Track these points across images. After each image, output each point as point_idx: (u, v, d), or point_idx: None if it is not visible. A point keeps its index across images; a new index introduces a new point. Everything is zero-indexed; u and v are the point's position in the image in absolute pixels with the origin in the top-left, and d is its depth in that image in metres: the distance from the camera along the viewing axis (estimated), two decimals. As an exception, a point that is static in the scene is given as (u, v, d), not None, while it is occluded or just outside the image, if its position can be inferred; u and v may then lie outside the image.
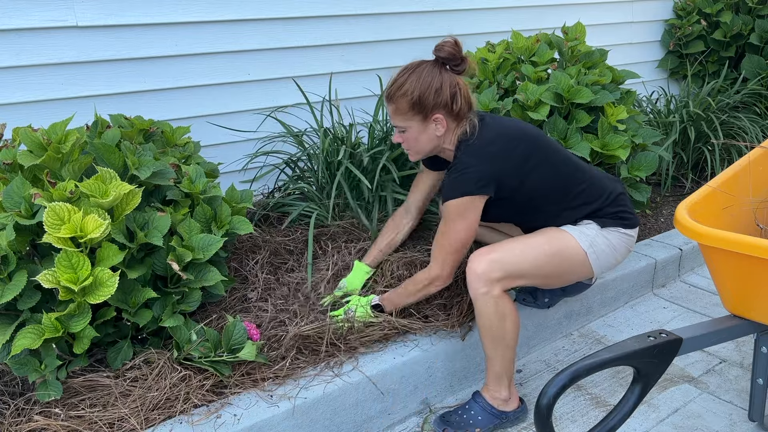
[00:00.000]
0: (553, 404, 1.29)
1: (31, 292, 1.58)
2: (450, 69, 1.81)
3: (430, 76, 1.79)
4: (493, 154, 1.78)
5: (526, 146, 1.81)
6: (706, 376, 2.08)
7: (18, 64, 2.13)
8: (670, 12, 4.18)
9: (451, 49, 1.78)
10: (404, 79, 1.81)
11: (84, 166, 1.72)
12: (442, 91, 1.78)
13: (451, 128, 1.84)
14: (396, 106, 1.82)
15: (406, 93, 1.79)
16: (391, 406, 1.86)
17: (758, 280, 1.49)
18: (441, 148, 1.88)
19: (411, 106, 1.79)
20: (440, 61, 1.81)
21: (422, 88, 1.78)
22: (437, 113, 1.80)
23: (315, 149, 2.48)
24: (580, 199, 1.85)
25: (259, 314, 1.97)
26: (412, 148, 1.89)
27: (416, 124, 1.82)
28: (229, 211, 1.89)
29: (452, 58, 1.79)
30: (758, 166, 1.86)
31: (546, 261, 1.80)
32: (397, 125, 1.86)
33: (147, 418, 1.56)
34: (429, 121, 1.81)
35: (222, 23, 2.48)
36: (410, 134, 1.85)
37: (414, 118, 1.81)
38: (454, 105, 1.80)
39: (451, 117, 1.82)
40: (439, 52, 1.80)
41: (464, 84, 1.83)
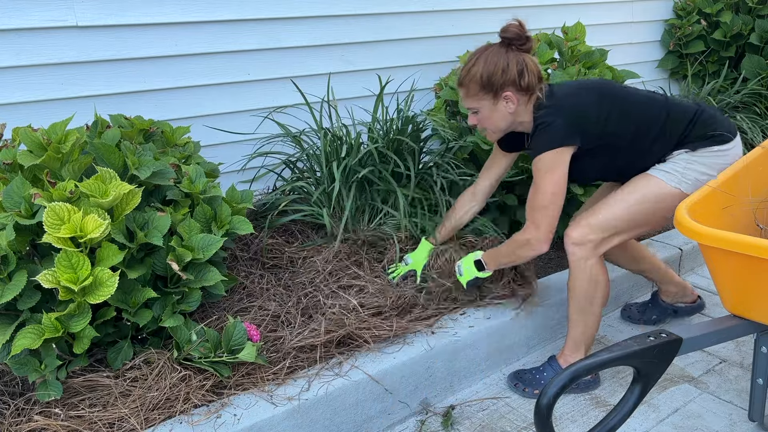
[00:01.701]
0: (553, 404, 1.29)
1: (31, 292, 1.58)
2: (516, 48, 1.89)
3: (497, 57, 1.88)
4: (570, 106, 1.90)
5: (598, 95, 1.92)
6: (706, 376, 2.08)
7: (18, 64, 2.12)
8: (670, 12, 4.18)
9: (516, 30, 1.88)
10: (472, 63, 1.91)
11: (84, 166, 1.72)
12: (509, 70, 1.87)
13: (522, 102, 1.92)
14: (467, 90, 1.93)
15: (474, 76, 1.89)
16: (391, 406, 1.86)
17: (758, 280, 1.49)
18: (517, 122, 1.96)
19: (480, 87, 1.89)
20: (506, 42, 1.90)
21: (490, 69, 1.87)
22: (506, 91, 1.88)
23: (315, 149, 2.48)
24: (664, 130, 1.93)
25: (259, 314, 1.97)
26: (488, 127, 1.98)
27: (487, 104, 1.92)
28: (229, 211, 1.89)
29: (517, 37, 1.89)
30: (758, 166, 1.86)
31: (637, 209, 1.90)
32: (469, 107, 1.97)
33: (147, 418, 1.56)
34: (499, 99, 1.90)
35: (221, 23, 2.48)
36: (483, 114, 1.95)
37: (485, 98, 1.91)
38: (522, 81, 1.88)
39: (521, 92, 1.90)
40: (505, 33, 1.90)
41: (531, 60, 1.91)
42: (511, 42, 1.89)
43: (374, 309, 2.01)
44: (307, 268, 2.20)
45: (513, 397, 2.01)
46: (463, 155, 2.58)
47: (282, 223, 2.40)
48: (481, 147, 2.49)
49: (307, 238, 2.38)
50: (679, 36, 4.04)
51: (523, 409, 1.95)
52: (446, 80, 2.86)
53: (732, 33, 3.83)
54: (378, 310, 2.01)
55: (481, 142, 2.48)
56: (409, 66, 3.00)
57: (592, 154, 1.92)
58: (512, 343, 2.16)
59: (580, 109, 1.89)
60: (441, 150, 2.55)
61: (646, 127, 1.91)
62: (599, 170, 2.03)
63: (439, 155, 2.52)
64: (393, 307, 2.04)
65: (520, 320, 2.15)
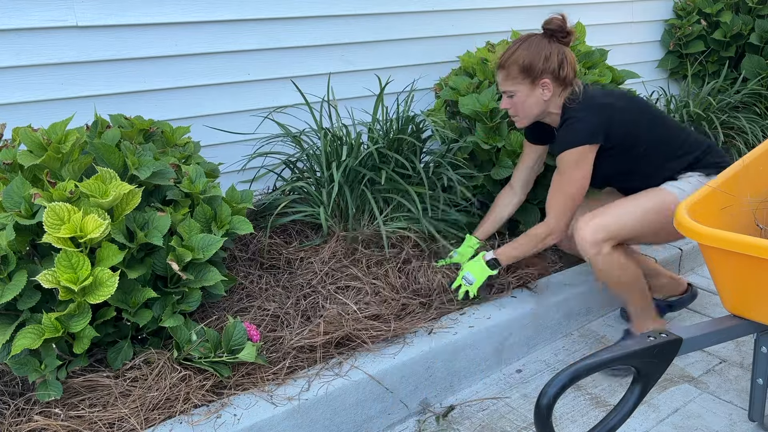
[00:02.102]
0: (553, 404, 1.29)
1: (31, 292, 1.58)
2: (558, 40, 1.97)
3: (540, 45, 1.96)
4: (601, 104, 1.97)
5: (629, 101, 2.01)
6: (706, 376, 2.08)
7: (18, 64, 2.12)
8: (670, 12, 4.18)
9: (559, 22, 1.96)
10: (516, 47, 1.99)
11: (84, 166, 1.72)
12: (551, 58, 1.95)
13: (556, 93, 1.99)
14: (507, 72, 1.99)
15: (517, 59, 1.96)
16: (391, 406, 1.86)
17: (758, 280, 1.49)
18: (547, 112, 2.04)
19: (521, 70, 1.96)
20: (549, 33, 1.98)
21: (532, 55, 1.95)
22: (545, 78, 1.96)
23: (315, 149, 2.48)
24: (682, 150, 2.01)
25: (259, 314, 1.97)
26: (519, 112, 2.04)
27: (525, 88, 1.99)
28: (229, 211, 1.89)
29: (560, 29, 1.97)
30: (758, 166, 1.86)
31: (647, 218, 1.96)
32: (506, 90, 2.02)
33: (147, 418, 1.56)
34: (537, 86, 1.98)
35: (221, 23, 2.48)
36: (518, 98, 2.01)
37: (523, 82, 1.98)
38: (561, 71, 1.96)
39: (558, 82, 1.98)
40: (548, 25, 1.97)
41: (570, 54, 1.99)
42: (554, 33, 1.97)
43: (374, 309, 2.01)
44: (305, 269, 2.20)
45: (513, 397, 2.01)
46: (464, 155, 2.58)
47: (281, 223, 2.40)
48: (481, 147, 2.49)
49: (306, 238, 2.38)
50: (679, 36, 4.04)
51: (523, 409, 1.95)
52: (446, 80, 2.86)
53: (732, 33, 3.83)
54: (377, 311, 2.01)
55: (481, 142, 2.49)
56: (409, 66, 3.00)
57: (610, 156, 1.98)
58: (512, 343, 2.16)
59: (609, 110, 1.96)
60: (442, 150, 2.55)
61: (667, 141, 1.98)
62: (610, 174, 2.07)
63: (441, 155, 2.52)
64: (392, 308, 2.04)
65: (520, 320, 2.16)
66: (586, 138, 1.93)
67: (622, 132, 1.96)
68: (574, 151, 1.93)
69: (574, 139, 1.94)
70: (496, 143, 2.48)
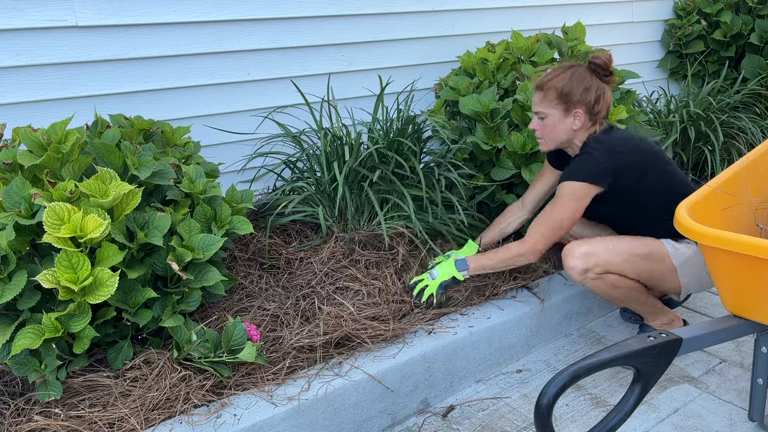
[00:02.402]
0: (553, 404, 1.29)
1: (31, 292, 1.58)
2: (599, 76, 2.00)
3: (583, 76, 1.99)
4: (618, 149, 1.97)
5: (648, 154, 2.00)
6: (706, 376, 2.08)
7: (18, 64, 2.12)
8: (670, 12, 4.18)
9: (605, 60, 1.99)
10: (558, 72, 2.02)
11: (84, 166, 1.72)
12: (590, 92, 1.98)
13: (585, 126, 2.02)
14: (544, 94, 2.01)
15: (557, 83, 1.99)
16: (391, 406, 1.86)
17: (758, 280, 1.49)
18: (571, 142, 2.06)
19: (558, 95, 1.99)
20: (592, 67, 2.01)
21: (573, 84, 1.98)
22: (579, 109, 1.99)
23: (315, 149, 2.48)
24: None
25: (259, 314, 1.97)
26: (546, 135, 2.06)
27: (557, 113, 2.01)
28: (230, 211, 1.89)
29: (604, 67, 2.00)
30: (758, 166, 1.86)
31: (635, 262, 1.97)
32: (538, 111, 2.04)
33: (147, 418, 1.56)
34: (570, 114, 2.00)
35: (222, 23, 2.48)
36: (549, 121, 2.03)
37: (557, 107, 2.00)
38: (596, 106, 1.99)
39: (590, 116, 2.01)
40: (595, 59, 2.00)
41: (609, 93, 2.03)
42: (597, 69, 1.99)
43: (373, 309, 2.01)
44: (305, 269, 2.20)
45: (513, 397, 2.01)
46: (464, 155, 2.58)
47: (281, 223, 2.40)
48: (481, 147, 2.49)
49: (305, 238, 2.38)
50: (679, 36, 4.04)
51: (523, 409, 1.95)
52: (446, 80, 2.86)
53: (732, 33, 3.83)
54: (377, 311, 2.01)
55: (481, 143, 2.49)
56: (409, 66, 3.00)
57: (608, 201, 1.99)
58: (512, 343, 2.16)
59: (626, 155, 1.96)
60: (443, 151, 2.55)
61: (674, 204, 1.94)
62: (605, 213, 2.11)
63: (441, 156, 2.52)
64: (392, 308, 2.04)
65: (520, 320, 2.16)
66: (592, 177, 1.94)
67: (631, 183, 1.96)
68: (576, 184, 1.95)
69: (580, 173, 1.95)
70: (497, 144, 2.48)
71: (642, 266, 1.99)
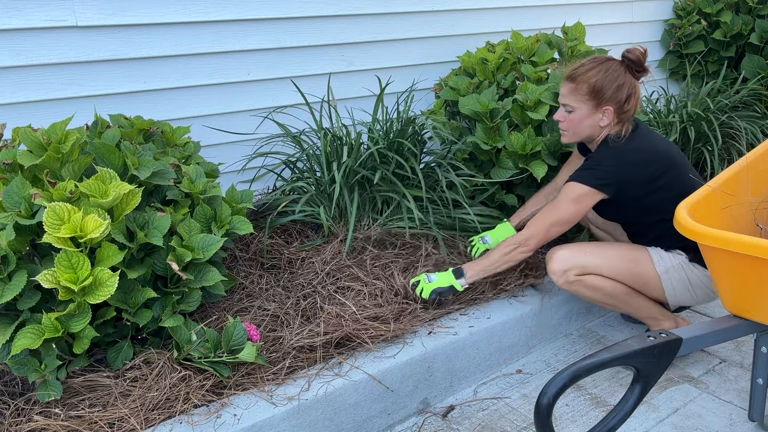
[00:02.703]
0: (553, 404, 1.29)
1: (31, 292, 1.58)
2: (632, 72, 1.95)
3: (617, 73, 1.94)
4: (629, 161, 1.93)
5: (661, 166, 1.95)
6: (706, 376, 2.08)
7: (18, 64, 2.12)
8: (670, 12, 4.18)
9: (639, 55, 1.94)
10: (592, 65, 1.96)
11: (84, 166, 1.72)
12: (622, 89, 1.93)
13: (612, 124, 1.97)
14: (576, 86, 1.96)
15: (590, 78, 1.94)
16: (391, 406, 1.86)
17: (758, 280, 1.49)
18: (595, 136, 2.03)
19: (590, 90, 1.94)
20: (626, 62, 1.96)
21: (607, 80, 1.93)
22: (609, 105, 1.94)
23: (315, 150, 2.48)
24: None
25: (259, 314, 1.97)
26: (570, 128, 2.03)
27: (586, 109, 1.97)
28: (229, 211, 1.89)
29: (638, 62, 1.94)
30: (758, 166, 1.86)
31: (614, 265, 1.98)
32: (567, 104, 2.00)
33: (147, 418, 1.56)
34: (599, 110, 1.96)
35: (222, 23, 2.48)
36: (576, 115, 1.99)
37: (587, 102, 1.96)
38: (626, 104, 1.95)
39: (618, 114, 1.96)
40: (629, 54, 1.94)
41: (639, 90, 1.98)
42: (631, 64, 1.95)
43: (374, 309, 2.01)
44: (306, 269, 2.20)
45: (513, 397, 2.01)
46: (463, 155, 2.58)
47: (282, 223, 2.40)
48: (481, 147, 2.49)
49: (306, 238, 2.38)
50: (679, 36, 4.04)
51: (523, 409, 1.95)
52: (446, 80, 2.86)
53: (732, 33, 3.83)
54: (378, 311, 2.01)
55: (481, 143, 2.48)
56: (409, 66, 3.00)
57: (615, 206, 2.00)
58: (512, 343, 2.16)
59: (636, 169, 1.93)
60: (443, 151, 2.55)
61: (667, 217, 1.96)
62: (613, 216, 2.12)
63: (441, 156, 2.52)
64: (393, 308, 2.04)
65: (520, 320, 2.16)
66: (595, 183, 1.92)
67: (637, 195, 1.95)
68: (580, 187, 1.93)
69: (585, 178, 1.94)
70: (497, 144, 2.48)
71: (623, 270, 1.99)
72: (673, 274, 1.98)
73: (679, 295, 2.01)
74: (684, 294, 2.00)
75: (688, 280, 1.98)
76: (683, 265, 1.98)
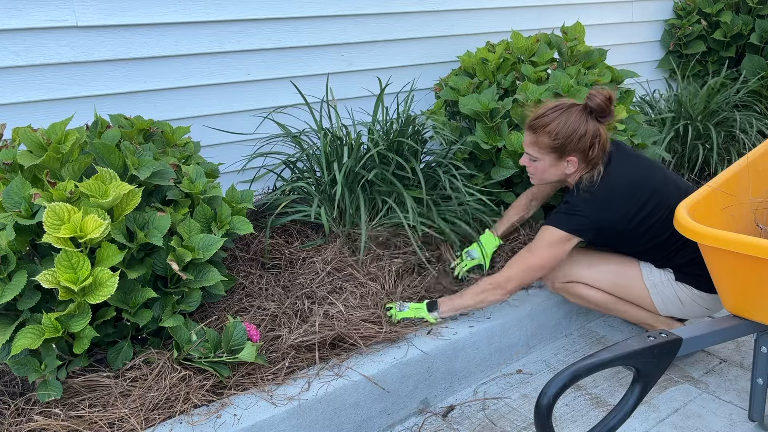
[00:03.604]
0: (553, 404, 1.29)
1: (31, 292, 1.58)
2: (596, 118, 1.90)
3: (577, 123, 1.88)
4: (606, 204, 1.90)
5: (642, 196, 1.91)
6: (706, 376, 2.08)
7: (18, 64, 2.12)
8: (670, 12, 4.18)
9: (601, 102, 1.86)
10: (552, 117, 1.90)
11: (84, 166, 1.72)
12: (584, 139, 1.88)
13: (580, 169, 1.94)
14: (537, 139, 1.93)
15: (550, 132, 1.89)
16: (391, 406, 1.86)
17: (758, 280, 1.49)
18: (565, 182, 2.03)
19: (551, 145, 1.90)
20: (588, 109, 1.90)
21: (567, 133, 1.87)
22: (573, 156, 1.91)
23: (315, 150, 2.48)
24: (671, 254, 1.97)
25: (258, 314, 1.97)
26: (536, 175, 2.02)
27: (549, 160, 1.94)
28: (230, 211, 1.89)
29: (601, 110, 1.88)
30: (758, 166, 1.86)
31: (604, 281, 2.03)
32: (530, 153, 1.97)
33: (147, 418, 1.56)
34: (563, 160, 1.93)
35: (222, 23, 2.48)
36: (540, 165, 1.97)
37: (550, 155, 1.93)
38: (591, 152, 1.90)
39: (584, 162, 1.93)
40: (590, 101, 1.88)
41: (605, 133, 1.92)
42: (593, 111, 1.89)
43: (374, 310, 2.01)
44: (307, 269, 2.20)
45: (513, 397, 2.01)
46: (463, 155, 2.58)
47: (282, 223, 2.40)
48: (481, 147, 2.49)
49: (306, 238, 2.38)
50: (679, 36, 4.04)
51: (523, 409, 1.95)
52: (446, 80, 2.86)
53: (732, 33, 3.83)
54: (378, 311, 2.01)
55: (481, 142, 2.49)
56: (409, 66, 3.00)
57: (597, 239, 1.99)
58: (512, 343, 2.16)
59: (614, 210, 1.90)
60: (443, 151, 2.54)
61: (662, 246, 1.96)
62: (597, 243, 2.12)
63: (441, 156, 2.52)
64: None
65: (520, 320, 2.15)
66: (571, 230, 1.91)
67: (619, 229, 1.93)
68: (556, 233, 1.91)
69: (561, 224, 1.92)
70: (497, 143, 2.48)
71: (610, 283, 2.03)
72: (661, 288, 2.00)
73: (669, 308, 2.01)
74: (674, 308, 2.01)
75: (677, 296, 1.99)
76: (671, 282, 1.99)
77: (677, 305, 1.99)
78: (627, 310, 2.06)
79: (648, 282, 2.00)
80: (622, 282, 2.02)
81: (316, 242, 2.32)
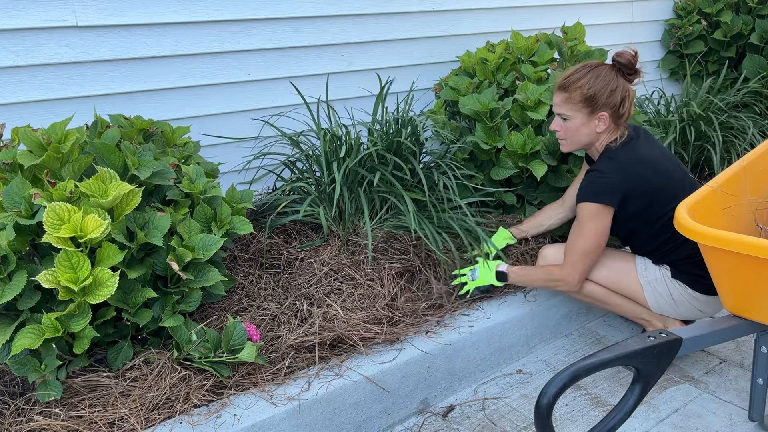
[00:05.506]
0: (553, 404, 1.29)
1: (31, 292, 1.58)
2: (624, 75, 1.94)
3: (608, 78, 1.92)
4: (633, 172, 1.91)
5: (663, 181, 1.93)
6: (706, 376, 2.08)
7: (18, 64, 2.12)
8: (670, 12, 4.18)
9: (630, 58, 1.93)
10: (583, 73, 1.94)
11: (84, 166, 1.72)
12: (616, 93, 1.92)
13: (609, 129, 1.96)
14: (569, 95, 1.94)
15: (582, 86, 1.92)
16: (391, 406, 1.86)
17: (758, 280, 1.49)
18: (593, 145, 2.01)
19: (584, 98, 1.92)
20: (617, 66, 1.95)
21: (599, 86, 1.91)
22: (604, 111, 1.93)
23: (314, 150, 2.48)
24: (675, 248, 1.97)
25: (258, 314, 1.97)
26: (568, 137, 2.01)
27: (581, 116, 1.95)
28: (229, 211, 1.89)
29: (629, 66, 1.93)
30: (758, 166, 1.86)
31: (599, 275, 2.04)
32: (561, 113, 1.98)
33: (147, 418, 1.56)
34: (594, 117, 1.94)
35: (222, 23, 2.48)
36: (572, 124, 1.97)
37: (582, 110, 1.94)
38: (621, 108, 1.93)
39: (614, 119, 1.95)
40: (619, 58, 1.93)
41: (633, 92, 1.97)
42: (622, 68, 1.94)
43: (373, 310, 2.01)
44: (306, 269, 2.20)
45: (513, 397, 2.01)
46: (463, 155, 2.58)
47: (281, 223, 2.40)
48: (481, 147, 2.49)
49: (306, 238, 2.38)
50: (679, 36, 4.04)
51: (524, 409, 1.95)
52: (446, 80, 2.86)
53: (732, 33, 3.83)
54: (377, 311, 2.01)
55: (481, 142, 2.48)
56: (409, 66, 3.01)
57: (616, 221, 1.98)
58: (512, 343, 2.16)
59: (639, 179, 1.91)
60: (442, 151, 2.55)
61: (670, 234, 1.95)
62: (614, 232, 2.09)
63: (440, 156, 2.52)
64: (393, 308, 2.04)
65: (520, 320, 2.16)
66: (604, 198, 1.91)
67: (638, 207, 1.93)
68: (593, 205, 1.92)
69: (593, 195, 1.92)
70: (496, 143, 2.48)
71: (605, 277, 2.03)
72: (656, 285, 2.00)
73: (662, 306, 2.01)
74: (667, 307, 2.01)
75: (670, 294, 1.99)
76: (666, 279, 1.99)
77: (670, 303, 1.99)
78: (621, 303, 2.07)
79: (642, 279, 2.00)
80: (618, 278, 2.03)
81: (315, 242, 2.32)
